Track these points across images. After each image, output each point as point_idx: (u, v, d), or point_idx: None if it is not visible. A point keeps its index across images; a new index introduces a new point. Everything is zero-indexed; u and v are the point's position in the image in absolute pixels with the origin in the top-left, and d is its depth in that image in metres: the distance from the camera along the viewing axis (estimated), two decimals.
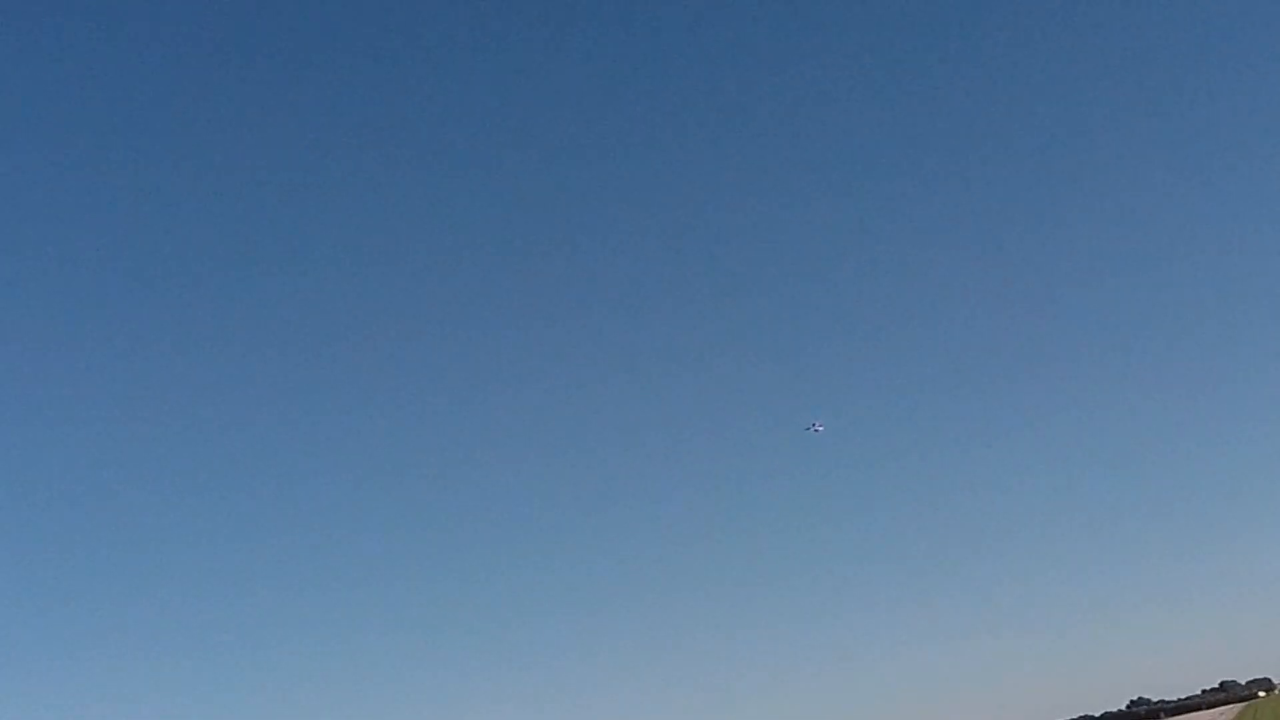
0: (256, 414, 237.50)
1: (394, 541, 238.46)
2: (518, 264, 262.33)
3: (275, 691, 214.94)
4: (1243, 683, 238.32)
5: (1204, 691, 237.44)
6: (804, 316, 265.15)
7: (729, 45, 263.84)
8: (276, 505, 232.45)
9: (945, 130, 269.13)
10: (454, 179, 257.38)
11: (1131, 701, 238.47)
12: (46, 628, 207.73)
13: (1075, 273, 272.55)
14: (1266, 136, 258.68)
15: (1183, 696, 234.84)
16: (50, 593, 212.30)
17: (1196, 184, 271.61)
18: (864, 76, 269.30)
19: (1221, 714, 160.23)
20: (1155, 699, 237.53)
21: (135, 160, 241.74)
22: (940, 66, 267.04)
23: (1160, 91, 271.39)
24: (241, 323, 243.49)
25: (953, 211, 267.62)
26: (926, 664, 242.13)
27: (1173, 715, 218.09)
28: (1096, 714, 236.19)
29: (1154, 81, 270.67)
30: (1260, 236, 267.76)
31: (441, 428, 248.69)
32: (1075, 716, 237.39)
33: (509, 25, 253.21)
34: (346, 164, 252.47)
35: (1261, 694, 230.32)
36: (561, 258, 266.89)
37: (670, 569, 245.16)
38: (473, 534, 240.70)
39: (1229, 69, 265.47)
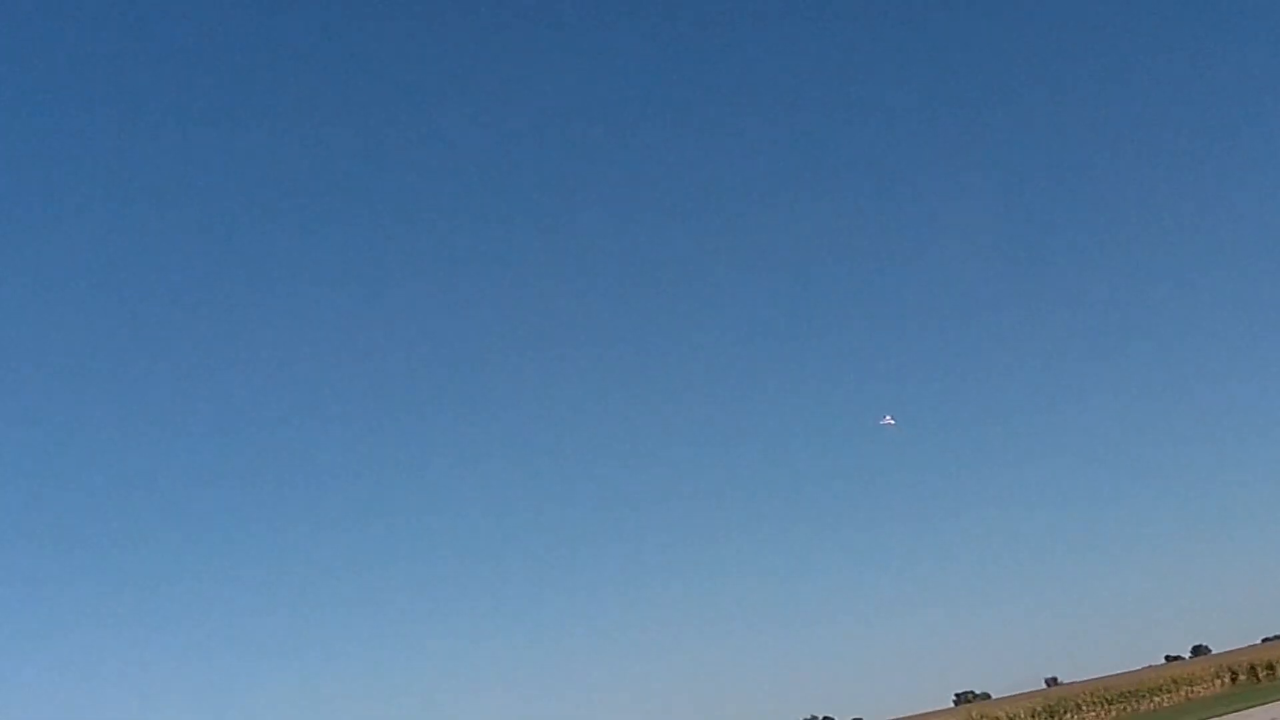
0: (254, 411, 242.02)
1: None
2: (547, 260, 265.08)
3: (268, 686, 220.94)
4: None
5: None
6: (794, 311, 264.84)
7: (760, 35, 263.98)
8: (273, 500, 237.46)
9: (980, 126, 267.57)
10: (461, 174, 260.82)
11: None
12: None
13: None
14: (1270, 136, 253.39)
15: None
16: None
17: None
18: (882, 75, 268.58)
19: None
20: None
21: (132, 157, 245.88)
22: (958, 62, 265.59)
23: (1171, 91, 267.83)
24: (238, 322, 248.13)
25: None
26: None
27: None
28: None
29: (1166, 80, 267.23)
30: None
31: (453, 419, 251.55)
32: None
33: (510, 23, 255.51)
34: (344, 161, 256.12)
35: None
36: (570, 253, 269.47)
37: None
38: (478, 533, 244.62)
39: (1230, 68, 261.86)
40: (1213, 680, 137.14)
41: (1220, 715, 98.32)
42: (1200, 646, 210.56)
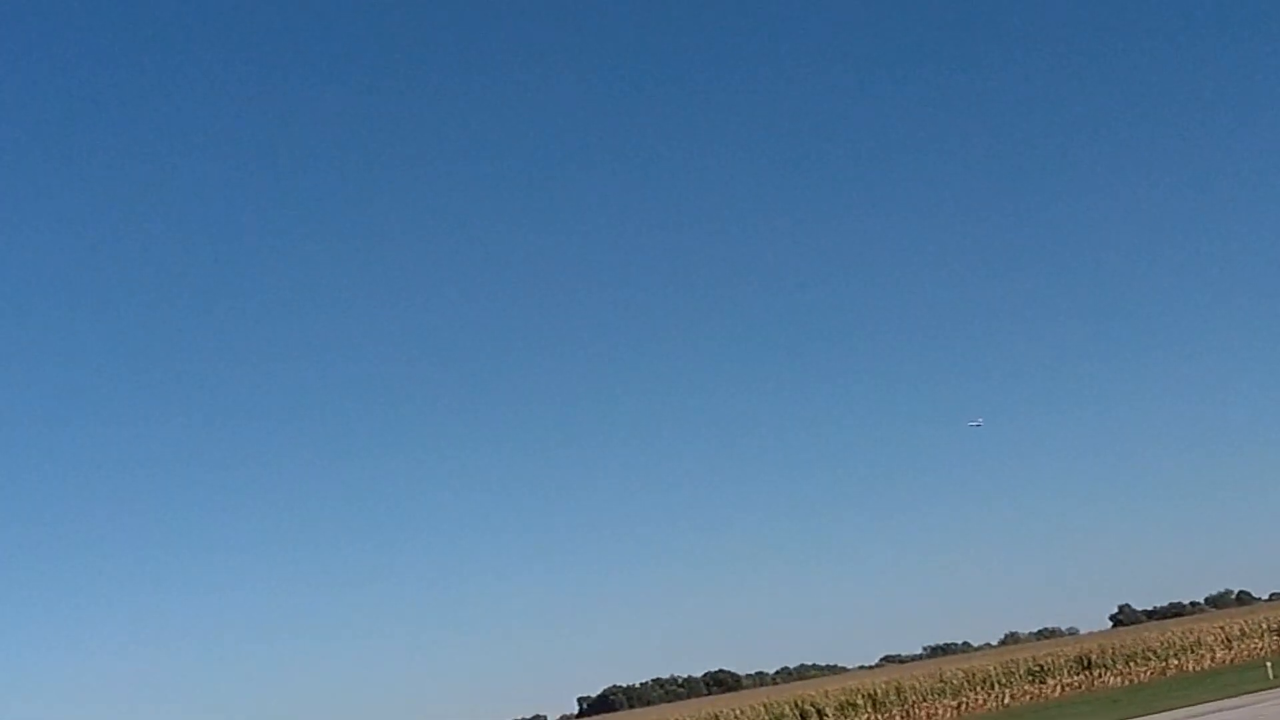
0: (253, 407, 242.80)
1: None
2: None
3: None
4: None
5: None
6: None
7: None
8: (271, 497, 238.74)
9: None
10: (462, 171, 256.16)
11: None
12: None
13: None
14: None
15: None
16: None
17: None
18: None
19: None
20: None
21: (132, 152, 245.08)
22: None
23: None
24: (233, 319, 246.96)
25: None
26: None
27: None
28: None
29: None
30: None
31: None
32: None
33: (509, 22, 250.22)
34: (341, 159, 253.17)
35: None
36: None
37: None
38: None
39: (1230, 68, 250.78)
40: None
41: None
42: None
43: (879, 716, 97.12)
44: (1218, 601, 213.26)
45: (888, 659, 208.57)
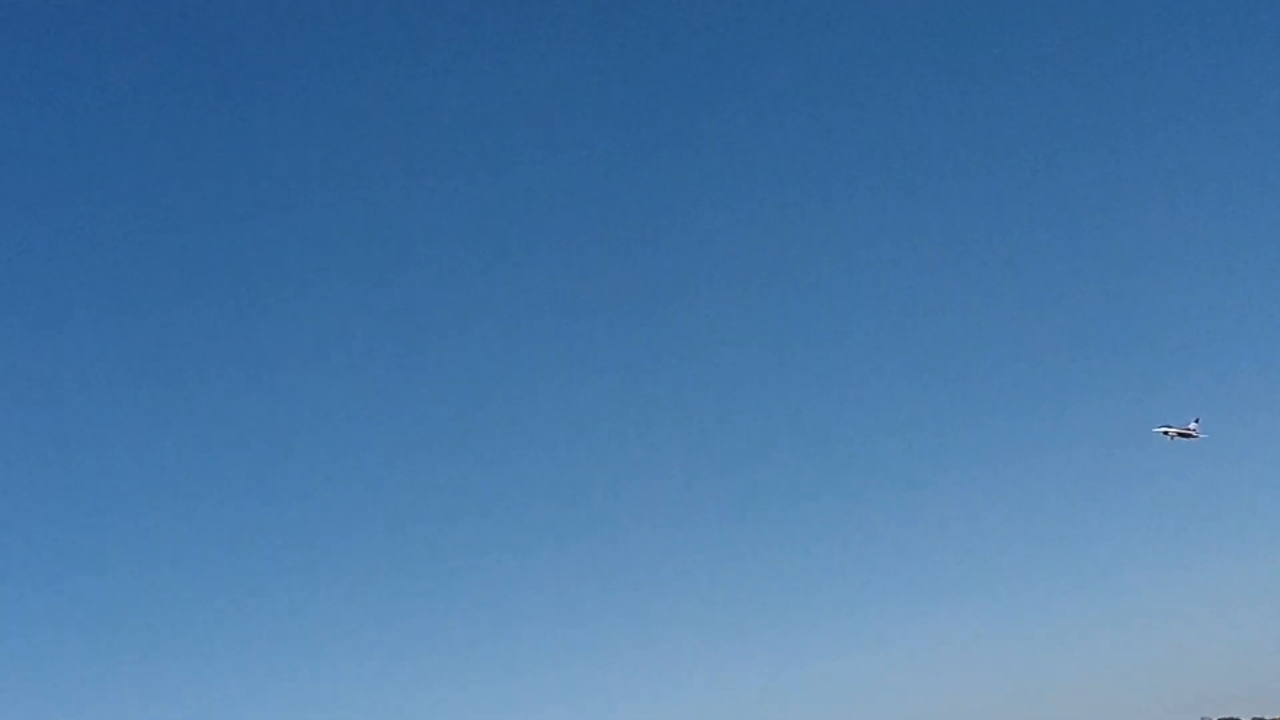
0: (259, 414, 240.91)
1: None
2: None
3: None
4: None
5: None
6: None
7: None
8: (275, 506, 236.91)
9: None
10: (463, 177, 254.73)
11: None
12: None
13: None
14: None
15: None
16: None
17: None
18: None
19: None
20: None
21: (135, 160, 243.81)
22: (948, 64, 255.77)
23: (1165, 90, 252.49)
24: (242, 325, 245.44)
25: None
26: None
27: None
28: None
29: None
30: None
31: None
32: None
33: (509, 24, 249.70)
34: (344, 165, 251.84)
35: None
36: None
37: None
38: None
39: (1229, 68, 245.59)
40: None
41: None
42: None
43: None
44: None
45: None
